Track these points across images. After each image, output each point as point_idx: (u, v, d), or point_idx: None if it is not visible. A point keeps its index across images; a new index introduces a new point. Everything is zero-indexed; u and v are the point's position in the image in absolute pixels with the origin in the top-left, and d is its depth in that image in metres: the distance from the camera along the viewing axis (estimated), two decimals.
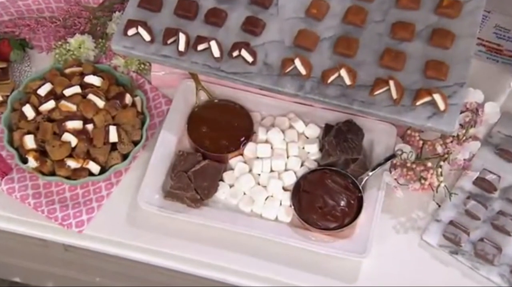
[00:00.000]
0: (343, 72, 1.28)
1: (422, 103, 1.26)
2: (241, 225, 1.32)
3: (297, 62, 1.28)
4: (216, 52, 1.30)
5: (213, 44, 1.29)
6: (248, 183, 1.37)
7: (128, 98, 1.42)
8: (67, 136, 1.35)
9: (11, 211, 1.37)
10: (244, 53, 1.29)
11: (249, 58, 1.29)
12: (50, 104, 1.38)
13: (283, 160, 1.39)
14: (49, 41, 1.52)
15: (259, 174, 1.39)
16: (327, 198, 1.34)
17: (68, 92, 1.40)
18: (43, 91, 1.40)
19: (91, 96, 1.39)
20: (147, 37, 1.32)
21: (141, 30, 1.31)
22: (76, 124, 1.36)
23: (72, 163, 1.35)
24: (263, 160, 1.39)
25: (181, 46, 1.30)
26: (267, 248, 1.32)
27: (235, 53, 1.30)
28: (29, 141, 1.35)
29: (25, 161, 1.36)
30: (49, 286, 1.82)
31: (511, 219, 1.34)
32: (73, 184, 1.37)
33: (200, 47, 1.31)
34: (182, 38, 1.30)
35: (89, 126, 1.37)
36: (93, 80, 1.42)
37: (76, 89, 1.40)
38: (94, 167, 1.36)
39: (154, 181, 1.37)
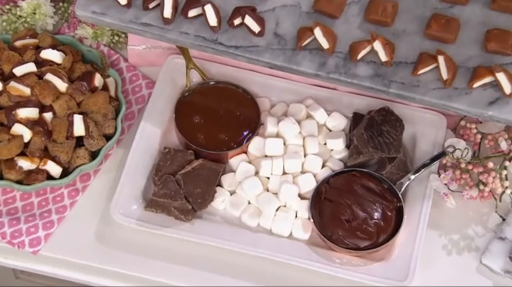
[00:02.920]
0: (377, 45, 1.26)
1: (481, 85, 1.24)
2: (245, 243, 1.32)
3: (318, 32, 1.26)
4: (212, 20, 1.28)
5: (208, 8, 1.28)
6: (254, 189, 1.36)
7: (98, 80, 1.41)
8: (18, 128, 1.34)
9: None
10: (248, 20, 1.28)
11: (255, 28, 1.28)
12: None
13: (299, 160, 1.38)
14: None
15: (268, 178, 1.38)
16: (356, 208, 1.32)
17: (19, 71, 1.39)
18: None
19: (49, 76, 1.38)
20: (122, 0, 1.30)
21: None
22: (30, 113, 1.35)
23: (24, 163, 1.33)
24: (273, 159, 1.38)
25: (167, 12, 1.29)
26: (278, 273, 1.31)
27: (236, 21, 1.29)
28: None
29: None
30: None
31: None
32: (27, 191, 1.36)
33: (192, 13, 1.29)
34: (168, 1, 1.28)
35: (48, 115, 1.36)
36: (52, 55, 1.41)
37: (30, 67, 1.40)
38: (54, 169, 1.34)
39: (132, 187, 1.36)
